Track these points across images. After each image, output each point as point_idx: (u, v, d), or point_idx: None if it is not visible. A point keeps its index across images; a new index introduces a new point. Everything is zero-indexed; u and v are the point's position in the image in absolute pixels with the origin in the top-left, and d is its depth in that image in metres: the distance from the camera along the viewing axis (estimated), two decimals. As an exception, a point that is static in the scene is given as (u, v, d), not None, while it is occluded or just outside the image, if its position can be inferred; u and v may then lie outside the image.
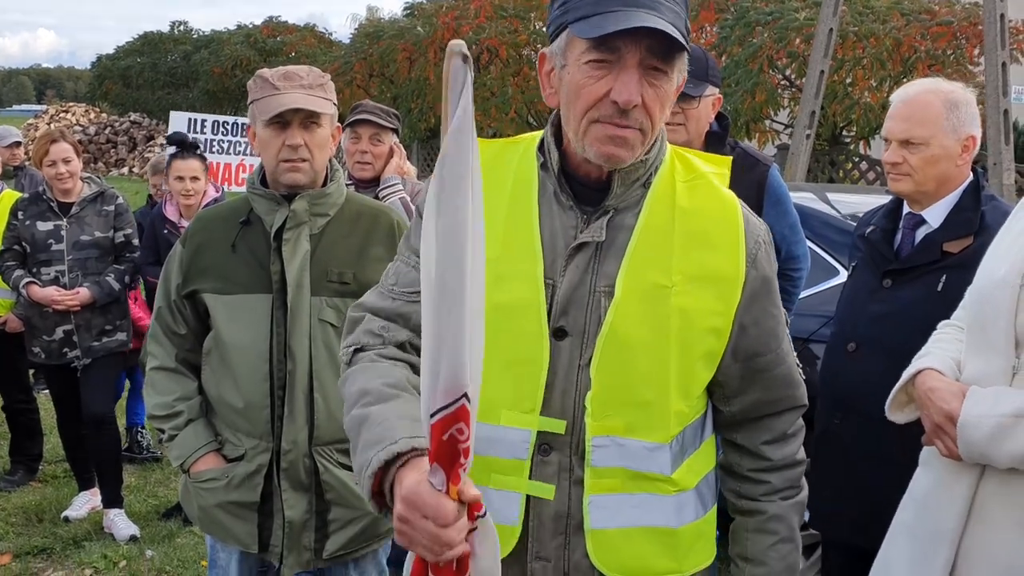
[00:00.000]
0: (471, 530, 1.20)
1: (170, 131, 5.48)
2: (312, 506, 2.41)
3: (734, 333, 1.57)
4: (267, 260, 2.39)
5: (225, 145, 7.25)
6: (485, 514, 1.20)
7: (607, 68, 1.41)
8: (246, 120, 6.91)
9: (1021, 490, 1.85)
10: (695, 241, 1.54)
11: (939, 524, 1.96)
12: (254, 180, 2.47)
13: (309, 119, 2.36)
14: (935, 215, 2.56)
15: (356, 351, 1.58)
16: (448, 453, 1.12)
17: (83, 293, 4.32)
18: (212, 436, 2.45)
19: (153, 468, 5.39)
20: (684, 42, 1.40)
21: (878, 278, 2.63)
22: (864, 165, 19.25)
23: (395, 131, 3.81)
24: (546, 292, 1.51)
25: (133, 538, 4.43)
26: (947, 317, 2.36)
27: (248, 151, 7.17)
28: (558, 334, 1.52)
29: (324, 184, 2.46)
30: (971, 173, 2.58)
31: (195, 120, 7.44)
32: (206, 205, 4.53)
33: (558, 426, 1.52)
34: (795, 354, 1.71)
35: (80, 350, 4.41)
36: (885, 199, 2.87)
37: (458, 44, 1.01)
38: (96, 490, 4.75)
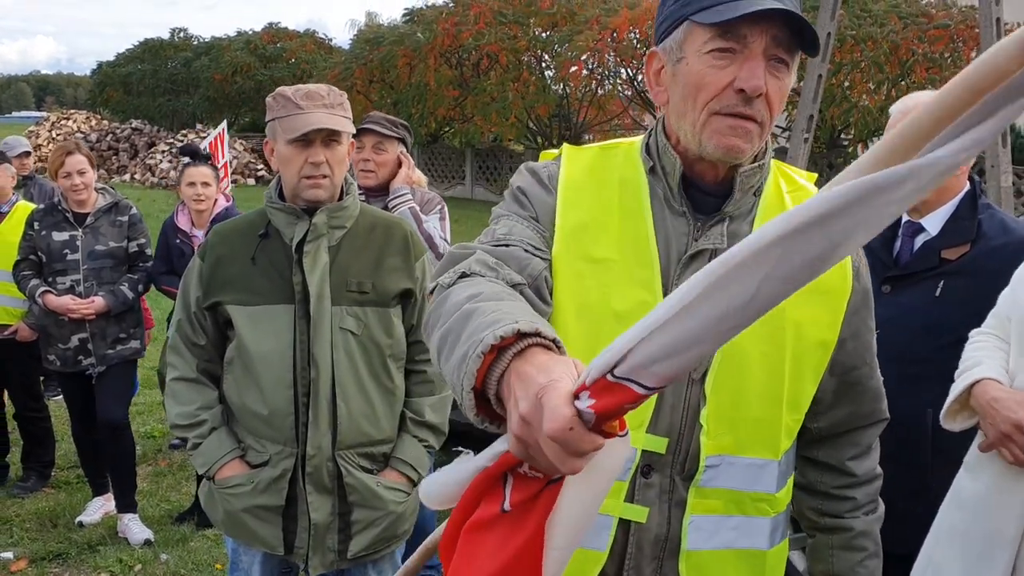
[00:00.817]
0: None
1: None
2: (335, 508, 2.50)
3: (836, 345, 1.54)
4: (287, 272, 2.47)
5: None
6: (626, 434, 0.94)
7: (730, 58, 1.35)
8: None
9: None
10: None
11: (997, 528, 2.02)
12: (272, 194, 2.55)
13: (330, 137, 2.46)
14: (933, 223, 2.64)
15: (464, 275, 1.32)
16: (609, 416, 0.89)
17: (98, 302, 4.40)
18: (235, 443, 2.53)
19: (164, 474, 5.45)
20: (811, 30, 1.34)
21: (878, 284, 2.70)
22: (863, 168, 19.33)
23: (402, 141, 3.86)
24: None
25: (147, 542, 4.50)
26: (945, 321, 2.43)
27: None
28: None
29: (340, 197, 2.55)
30: (968, 182, 2.66)
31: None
32: (218, 214, 4.62)
33: (660, 444, 1.47)
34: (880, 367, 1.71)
35: (95, 358, 4.49)
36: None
37: None
38: (109, 495, 4.82)
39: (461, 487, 1.05)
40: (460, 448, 4.35)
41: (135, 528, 4.57)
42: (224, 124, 7.32)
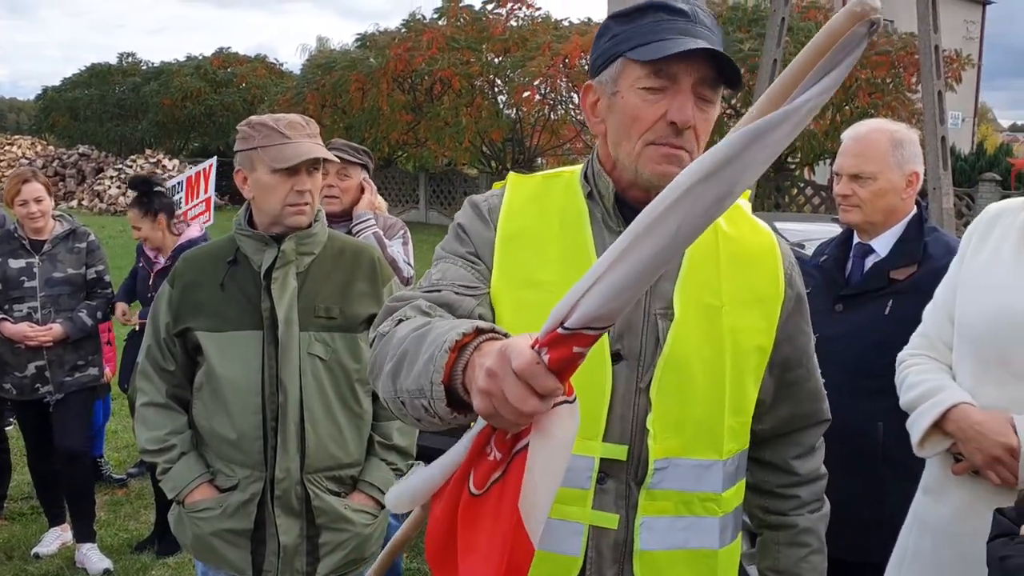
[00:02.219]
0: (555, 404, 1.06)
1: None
2: (304, 531, 2.52)
3: (773, 349, 1.64)
4: (256, 298, 2.49)
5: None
6: (575, 400, 1.07)
7: (662, 93, 1.47)
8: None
9: None
10: (739, 264, 1.61)
11: (973, 553, 1.97)
12: (241, 221, 2.57)
13: (313, 165, 2.51)
14: (882, 245, 2.75)
15: (401, 321, 1.43)
16: (564, 365, 1.00)
17: (56, 329, 4.36)
18: (204, 468, 2.54)
19: (123, 502, 5.38)
20: (735, 66, 1.46)
21: (831, 303, 2.81)
22: (809, 190, 19.74)
23: (364, 167, 3.92)
24: None
25: (107, 572, 4.44)
26: (894, 338, 2.51)
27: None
28: (614, 358, 1.54)
29: (308, 225, 2.58)
30: (915, 206, 2.78)
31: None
32: (189, 241, 4.61)
33: (620, 452, 1.54)
34: (820, 370, 1.80)
35: (52, 385, 4.43)
36: (830, 226, 3.05)
37: (870, 1, 0.90)
38: (66, 525, 4.75)
39: (428, 486, 1.20)
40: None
41: (94, 558, 4.51)
42: (214, 159, 6.98)
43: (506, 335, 1.14)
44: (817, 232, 4.77)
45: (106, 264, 4.65)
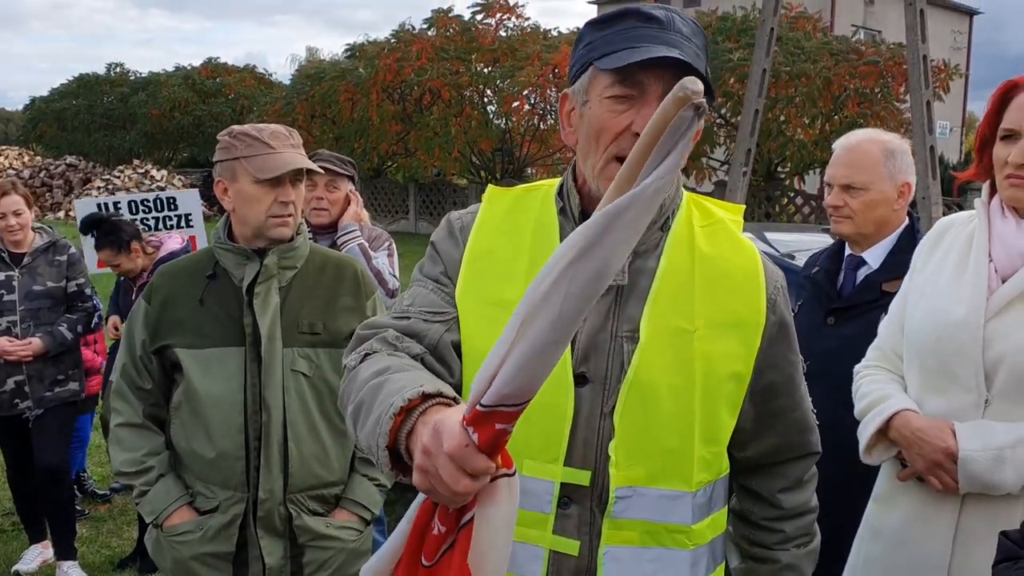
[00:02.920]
0: (494, 478, 1.08)
1: (79, 220, 4.84)
2: (287, 551, 2.46)
3: (753, 377, 1.56)
4: (237, 313, 2.43)
5: (152, 223, 6.37)
6: (514, 473, 1.09)
7: (629, 103, 1.42)
8: (167, 193, 6.41)
9: (1002, 512, 1.96)
10: (716, 286, 1.52)
11: (923, 557, 2.05)
12: (220, 234, 2.51)
13: (297, 176, 2.45)
14: (874, 256, 2.71)
15: (367, 355, 1.45)
16: (492, 443, 1.03)
17: (35, 343, 4.28)
18: (183, 490, 2.47)
19: (105, 519, 5.31)
20: (706, 77, 1.39)
21: (822, 316, 2.77)
22: (799, 200, 19.77)
23: (351, 179, 3.88)
24: None
25: (88, 591, 4.37)
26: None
27: (183, 224, 6.40)
28: (579, 380, 1.48)
29: (291, 238, 2.53)
30: (907, 217, 2.75)
31: (105, 204, 6.21)
32: (171, 253, 4.54)
33: (583, 477, 1.48)
34: (810, 400, 1.72)
35: (32, 400, 4.35)
36: (820, 237, 3.02)
37: (691, 86, 0.94)
38: (48, 543, 4.67)
39: (385, 563, 1.24)
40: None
41: (75, 575, 4.43)
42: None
43: (454, 399, 1.17)
44: (808, 242, 4.73)
45: (87, 277, 4.58)
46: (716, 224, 1.59)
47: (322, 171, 2.59)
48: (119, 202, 6.33)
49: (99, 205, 6.15)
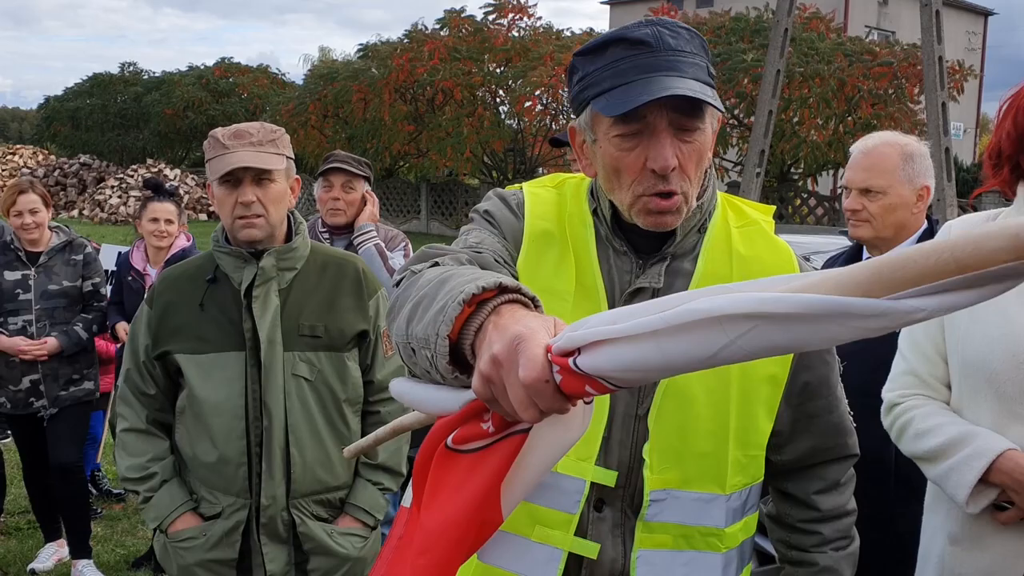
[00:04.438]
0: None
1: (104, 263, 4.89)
2: (292, 558, 2.44)
3: (789, 379, 1.55)
4: (237, 317, 2.40)
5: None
6: (591, 402, 1.01)
7: (636, 139, 1.38)
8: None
9: None
10: None
11: None
12: (218, 237, 2.48)
13: (261, 175, 2.38)
14: (893, 260, 2.69)
15: (436, 263, 1.32)
16: (574, 394, 0.92)
17: (51, 343, 4.30)
18: (187, 495, 2.46)
19: (119, 518, 5.32)
20: (710, 97, 1.36)
21: (840, 319, 2.75)
22: (812, 201, 19.72)
23: (367, 179, 3.89)
24: None
25: (102, 589, 4.38)
26: (902, 357, 2.44)
27: None
28: None
29: (289, 238, 2.50)
30: (926, 220, 2.73)
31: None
32: (174, 254, 4.55)
33: (610, 478, 1.48)
34: (847, 402, 1.70)
35: (47, 399, 4.37)
36: (836, 239, 3.00)
37: None
38: (63, 541, 4.68)
39: (430, 405, 1.11)
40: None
41: (90, 574, 4.44)
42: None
43: (533, 299, 1.02)
44: (822, 244, 4.72)
45: (103, 276, 4.59)
46: (751, 225, 1.59)
47: (278, 168, 2.40)
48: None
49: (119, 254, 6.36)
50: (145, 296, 2.56)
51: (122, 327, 4.75)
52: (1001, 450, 1.94)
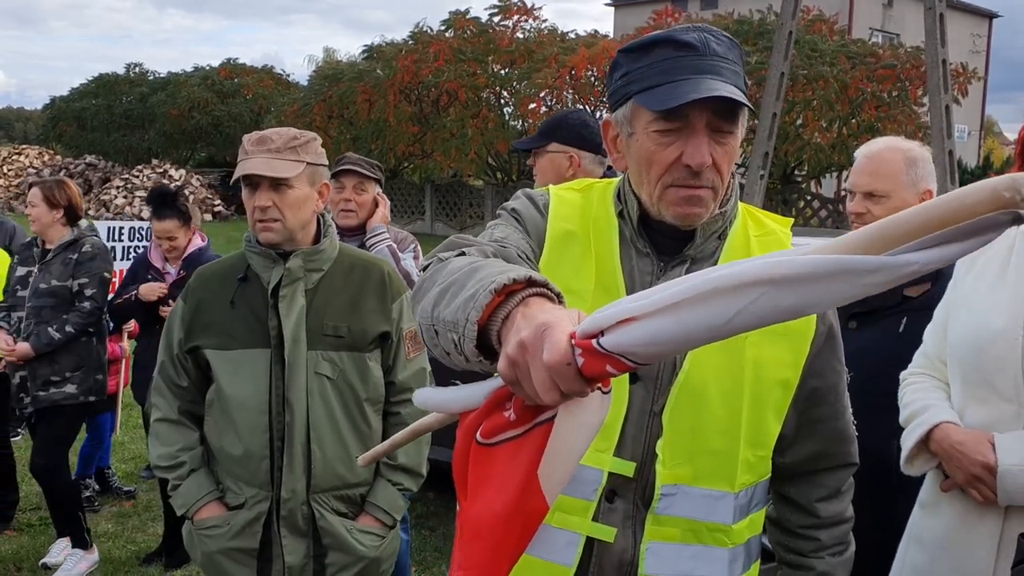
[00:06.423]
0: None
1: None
2: (310, 551, 2.51)
3: (799, 384, 1.60)
4: (264, 316, 2.48)
5: (141, 251, 6.15)
6: (609, 391, 1.05)
7: (675, 135, 1.44)
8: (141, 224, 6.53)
9: None
10: None
11: (967, 565, 2.05)
12: (250, 238, 2.56)
13: (277, 181, 2.44)
14: (897, 262, 2.74)
15: (463, 253, 1.36)
16: (595, 376, 0.96)
17: (21, 348, 4.22)
18: (214, 485, 2.54)
19: (130, 515, 5.38)
20: (747, 102, 1.42)
21: (844, 321, 2.80)
22: (816, 203, 19.75)
23: (378, 181, 3.94)
24: None
25: (113, 585, 4.42)
26: (908, 356, 2.51)
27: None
28: (631, 377, 1.52)
29: (317, 240, 2.57)
30: (928, 223, 2.78)
31: (113, 228, 6.62)
32: (194, 251, 4.58)
33: (627, 468, 1.53)
34: (851, 411, 1.75)
35: (30, 398, 4.32)
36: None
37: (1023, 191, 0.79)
38: (75, 536, 4.73)
39: (455, 406, 1.15)
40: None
41: (75, 562, 4.44)
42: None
43: (558, 295, 1.07)
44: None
45: (92, 277, 4.41)
46: (769, 235, 1.64)
47: (292, 175, 2.44)
48: (123, 227, 6.66)
49: (108, 229, 6.52)
50: (181, 292, 2.64)
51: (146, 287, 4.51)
52: (937, 421, 2.12)
